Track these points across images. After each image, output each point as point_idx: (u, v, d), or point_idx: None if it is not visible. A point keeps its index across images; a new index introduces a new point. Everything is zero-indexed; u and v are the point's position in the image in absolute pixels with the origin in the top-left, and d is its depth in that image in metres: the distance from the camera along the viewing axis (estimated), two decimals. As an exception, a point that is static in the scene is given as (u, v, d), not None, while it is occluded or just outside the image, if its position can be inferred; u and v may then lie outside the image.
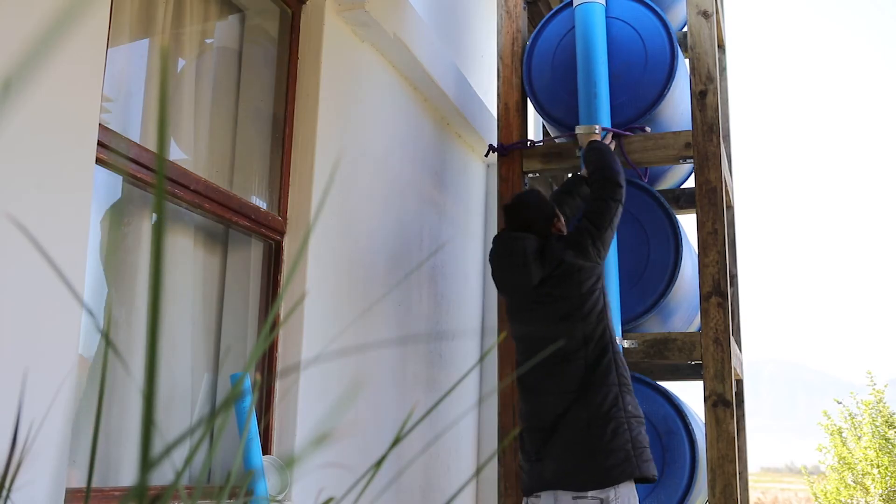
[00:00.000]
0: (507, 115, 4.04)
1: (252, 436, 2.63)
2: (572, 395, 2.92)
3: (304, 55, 3.38)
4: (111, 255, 2.62)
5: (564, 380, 2.94)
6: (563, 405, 2.92)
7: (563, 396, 2.93)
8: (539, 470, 2.93)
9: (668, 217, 3.87)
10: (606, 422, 2.87)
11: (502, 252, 3.13)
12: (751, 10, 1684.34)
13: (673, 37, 3.84)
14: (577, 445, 2.88)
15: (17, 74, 0.44)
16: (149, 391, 0.47)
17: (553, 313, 3.03)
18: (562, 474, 2.87)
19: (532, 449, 2.97)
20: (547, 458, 2.90)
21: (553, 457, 2.90)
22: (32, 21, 2.05)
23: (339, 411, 3.00)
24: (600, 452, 2.83)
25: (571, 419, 2.89)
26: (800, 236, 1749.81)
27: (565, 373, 2.95)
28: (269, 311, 3.08)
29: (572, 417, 2.90)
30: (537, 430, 2.96)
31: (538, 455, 2.94)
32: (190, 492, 2.52)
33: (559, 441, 2.90)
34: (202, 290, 3.02)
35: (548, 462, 2.90)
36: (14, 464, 0.74)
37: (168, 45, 2.92)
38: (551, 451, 2.91)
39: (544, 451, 2.92)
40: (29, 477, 1.83)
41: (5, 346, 1.96)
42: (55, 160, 2.14)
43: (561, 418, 2.91)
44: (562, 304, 3.02)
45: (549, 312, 3.04)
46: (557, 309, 3.02)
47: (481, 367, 4.78)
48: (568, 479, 2.86)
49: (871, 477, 8.87)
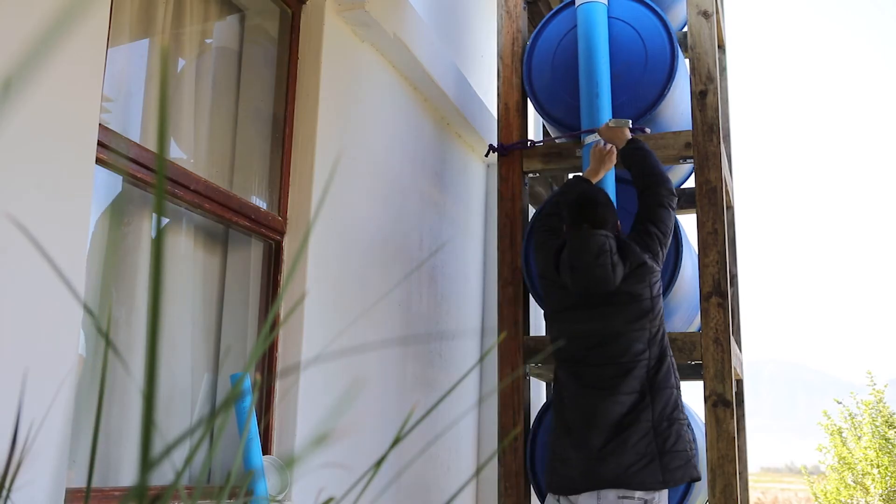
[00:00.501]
0: (507, 115, 4.04)
1: (252, 436, 2.63)
2: (636, 395, 2.97)
3: (304, 55, 3.38)
4: (111, 255, 2.62)
5: (629, 380, 2.98)
6: (628, 405, 2.96)
7: (628, 397, 2.96)
8: (597, 468, 2.92)
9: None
10: (670, 424, 2.97)
11: (585, 248, 3.04)
12: (751, 10, 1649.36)
13: (673, 37, 3.84)
14: (643, 446, 2.92)
15: (17, 74, 0.44)
16: (149, 391, 0.47)
17: (626, 314, 3.05)
18: (624, 473, 2.89)
19: (597, 445, 2.94)
20: (610, 457, 2.91)
21: (616, 455, 2.91)
22: (32, 21, 2.05)
23: (339, 411, 3.00)
24: (665, 454, 2.92)
25: (636, 420, 2.94)
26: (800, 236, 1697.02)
27: (631, 373, 2.99)
28: (269, 311, 3.08)
29: (637, 418, 2.94)
30: (600, 428, 2.95)
31: (601, 453, 2.93)
32: (190, 492, 2.52)
33: (624, 441, 2.92)
34: (202, 290, 3.02)
35: (611, 459, 2.91)
36: (14, 464, 0.74)
37: (168, 45, 2.92)
38: (616, 450, 2.91)
39: (606, 450, 2.92)
40: (29, 477, 1.83)
41: (5, 346, 1.96)
42: (55, 160, 2.14)
43: (625, 418, 2.94)
44: (635, 306, 3.05)
45: (623, 313, 3.05)
46: (632, 310, 3.05)
47: (481, 367, 4.78)
48: (631, 478, 2.89)
49: (871, 477, 8.87)
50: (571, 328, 3.14)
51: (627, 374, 2.99)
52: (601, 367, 3.03)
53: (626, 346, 3.02)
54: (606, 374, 3.01)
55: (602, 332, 3.07)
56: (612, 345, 3.04)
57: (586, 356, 3.09)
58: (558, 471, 3.04)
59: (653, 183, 3.26)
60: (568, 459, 3.01)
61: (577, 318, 3.13)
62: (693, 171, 3.80)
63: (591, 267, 3.02)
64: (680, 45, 3.89)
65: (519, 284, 3.84)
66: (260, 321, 3.10)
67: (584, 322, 3.11)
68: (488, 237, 5.05)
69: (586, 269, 3.03)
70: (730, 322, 3.52)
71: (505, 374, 3.82)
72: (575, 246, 3.07)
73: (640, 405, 2.96)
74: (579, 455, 2.98)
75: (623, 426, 2.94)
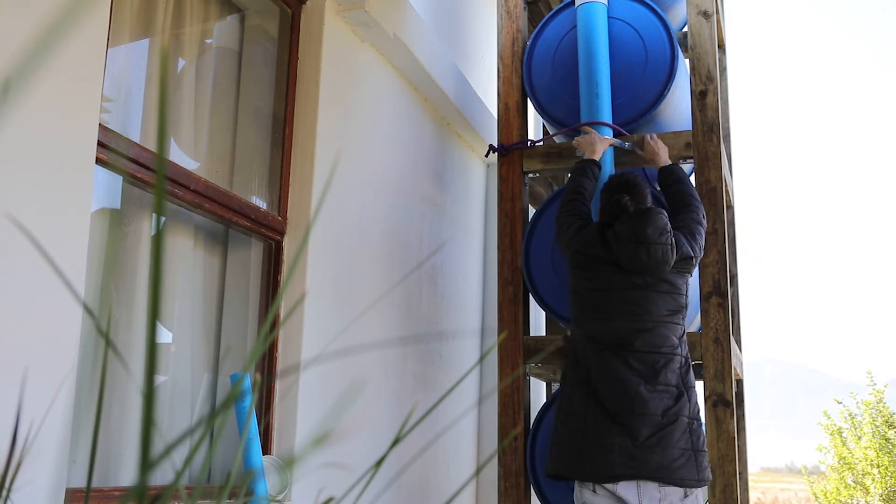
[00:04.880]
0: (507, 115, 4.04)
1: (252, 436, 2.62)
2: (675, 390, 2.96)
3: (304, 55, 3.38)
4: (111, 255, 2.62)
5: (669, 373, 2.97)
6: (670, 399, 2.94)
7: (671, 389, 2.95)
8: (643, 457, 2.87)
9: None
10: (700, 423, 3.00)
11: (652, 223, 3.01)
12: (751, 10, 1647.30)
13: (673, 37, 3.84)
14: (683, 442, 2.92)
15: (18, 74, 0.44)
16: (149, 391, 0.47)
17: (668, 304, 3.04)
18: (668, 467, 2.88)
19: (644, 434, 2.89)
20: (656, 448, 2.89)
21: (661, 447, 2.89)
22: (32, 21, 2.05)
23: (339, 411, 3.00)
24: (699, 452, 2.95)
25: (679, 414, 2.93)
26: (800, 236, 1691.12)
27: (669, 366, 2.98)
28: (269, 311, 3.08)
29: (679, 413, 2.94)
30: (646, 417, 2.90)
31: (647, 443, 2.89)
32: (190, 492, 2.52)
33: (669, 434, 2.90)
34: (202, 290, 3.02)
35: (657, 451, 2.88)
36: (14, 464, 0.74)
37: (168, 45, 2.92)
38: (660, 442, 2.89)
39: (651, 441, 2.89)
40: (29, 477, 1.83)
41: (5, 346, 1.96)
42: (55, 160, 2.14)
43: (669, 411, 2.93)
44: (674, 299, 3.06)
45: (666, 302, 3.04)
46: (671, 301, 3.05)
47: (481, 367, 4.78)
48: (673, 473, 2.88)
49: (871, 477, 8.87)
50: (616, 309, 3.05)
51: (667, 366, 2.97)
52: (646, 354, 2.98)
53: (666, 337, 3.01)
54: (649, 362, 2.97)
55: (648, 317, 3.02)
56: (656, 333, 3.01)
57: (632, 341, 3.00)
58: (598, 458, 2.91)
59: (690, 204, 3.33)
60: (611, 447, 2.90)
61: (621, 301, 3.04)
62: (693, 171, 3.80)
63: (654, 244, 3.00)
64: (680, 45, 3.89)
65: (519, 284, 3.83)
66: (260, 321, 3.10)
67: (629, 305, 3.04)
68: (488, 237, 5.05)
69: (649, 244, 3.00)
70: (730, 322, 3.52)
71: (505, 374, 3.82)
72: (640, 222, 3.02)
73: (681, 400, 2.95)
74: (624, 443, 2.90)
75: (668, 419, 2.92)
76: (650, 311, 3.03)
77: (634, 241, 3.01)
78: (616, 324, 3.04)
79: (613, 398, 2.95)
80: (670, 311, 3.05)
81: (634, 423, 2.90)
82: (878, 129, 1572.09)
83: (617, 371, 2.97)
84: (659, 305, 3.03)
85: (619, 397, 2.95)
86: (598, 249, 3.11)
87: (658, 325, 3.02)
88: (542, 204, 3.93)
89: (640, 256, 3.01)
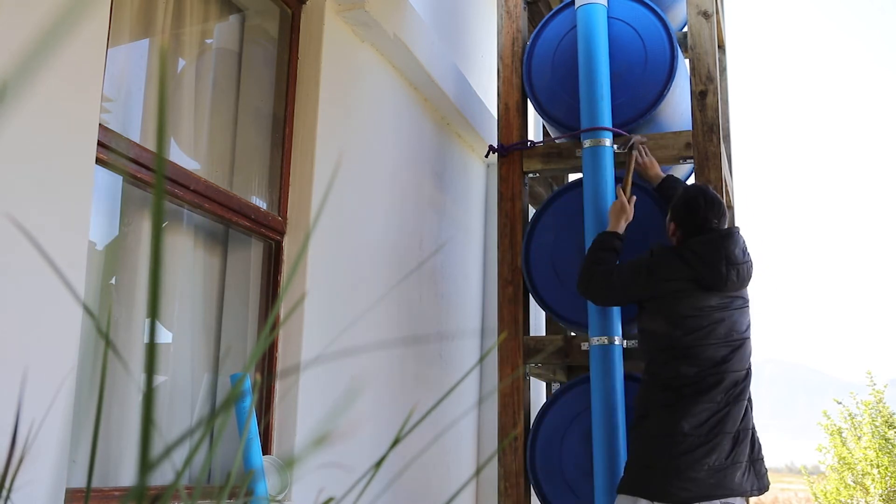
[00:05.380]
0: (507, 115, 4.05)
1: (252, 436, 2.62)
2: (745, 403, 3.01)
3: (304, 55, 3.38)
4: (111, 255, 2.62)
5: (742, 388, 3.01)
6: (741, 412, 2.99)
7: (740, 404, 2.99)
8: (728, 474, 2.92)
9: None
10: (756, 431, 3.06)
11: (733, 245, 3.06)
12: (751, 10, 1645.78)
13: (673, 37, 3.84)
14: (751, 452, 3.00)
15: (18, 74, 0.44)
16: (149, 391, 0.47)
17: (748, 318, 3.11)
18: (743, 481, 2.94)
19: (725, 453, 2.93)
20: (737, 464, 2.95)
21: (739, 462, 2.95)
22: (32, 21, 2.05)
23: (339, 411, 3.00)
24: (758, 460, 3.01)
25: (746, 427, 2.99)
26: (800, 236, 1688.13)
27: (745, 382, 3.03)
28: (269, 311, 3.08)
29: (747, 426, 3.00)
30: (732, 434, 2.95)
31: (729, 460, 2.94)
32: (190, 492, 2.52)
33: (746, 447, 2.97)
34: (202, 290, 3.02)
35: (737, 467, 2.94)
36: (14, 464, 0.74)
37: (168, 45, 2.92)
38: (739, 457, 2.95)
39: (732, 457, 2.94)
40: (29, 477, 1.83)
41: (5, 346, 1.96)
42: (55, 160, 2.14)
43: (744, 424, 2.99)
44: (747, 314, 3.11)
45: (747, 317, 3.10)
46: (746, 317, 3.10)
47: (481, 367, 4.78)
48: (746, 484, 2.95)
49: (871, 477, 8.88)
50: (714, 329, 3.02)
51: (740, 383, 3.02)
52: (737, 372, 3.02)
53: (750, 351, 3.08)
54: (739, 379, 3.02)
55: (741, 334, 3.07)
56: (745, 348, 3.06)
57: (731, 358, 3.01)
58: (693, 479, 2.89)
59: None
60: (702, 467, 2.90)
61: (718, 320, 3.04)
62: (693, 171, 3.80)
63: (742, 263, 3.06)
64: (680, 45, 3.89)
65: (519, 284, 3.83)
66: (260, 321, 3.10)
67: (725, 324, 3.04)
68: (488, 237, 5.05)
69: (738, 265, 3.05)
70: (730, 322, 3.53)
71: (505, 374, 3.82)
72: (729, 243, 3.05)
73: (748, 414, 3.02)
74: (713, 462, 2.91)
75: (744, 432, 2.98)
76: (742, 327, 3.08)
77: (725, 263, 3.03)
78: (717, 344, 3.02)
79: (709, 419, 2.94)
80: (748, 326, 3.11)
81: (724, 441, 2.96)
82: (879, 129, 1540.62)
83: (711, 391, 2.96)
84: (745, 321, 3.10)
85: (717, 418, 2.96)
86: (686, 272, 3.06)
87: (746, 340, 3.07)
88: (542, 204, 3.93)
89: (731, 277, 3.04)
